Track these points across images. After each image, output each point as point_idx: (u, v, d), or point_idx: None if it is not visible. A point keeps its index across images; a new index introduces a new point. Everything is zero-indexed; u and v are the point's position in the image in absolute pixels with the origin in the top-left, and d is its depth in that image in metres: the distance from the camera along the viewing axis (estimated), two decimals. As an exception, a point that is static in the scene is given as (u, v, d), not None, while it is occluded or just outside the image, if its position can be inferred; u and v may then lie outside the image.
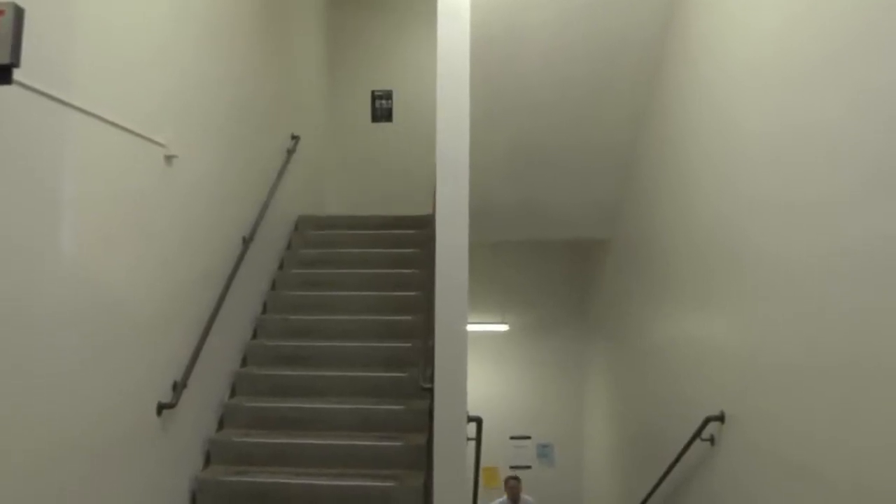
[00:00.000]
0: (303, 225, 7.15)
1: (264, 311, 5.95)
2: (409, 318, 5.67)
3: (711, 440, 4.38)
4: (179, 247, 4.17)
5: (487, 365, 9.23)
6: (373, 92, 8.99)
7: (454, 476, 3.97)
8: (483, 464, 4.29)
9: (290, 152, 6.80)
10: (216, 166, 4.82)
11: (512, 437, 5.78)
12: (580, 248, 8.96)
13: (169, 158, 3.97)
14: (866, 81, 2.87)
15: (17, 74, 2.35)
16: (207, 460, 4.62)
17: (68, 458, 3.04)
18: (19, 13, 2.24)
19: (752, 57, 3.97)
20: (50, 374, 2.91)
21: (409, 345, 5.37)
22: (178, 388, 4.01)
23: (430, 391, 4.04)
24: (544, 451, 8.89)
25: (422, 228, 6.64)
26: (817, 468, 3.17)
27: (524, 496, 7.69)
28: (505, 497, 7.66)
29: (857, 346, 2.87)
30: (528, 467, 5.61)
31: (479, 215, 4.35)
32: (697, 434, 4.42)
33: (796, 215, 3.40)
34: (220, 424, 4.89)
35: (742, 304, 4.01)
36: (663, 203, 5.56)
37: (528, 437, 6.08)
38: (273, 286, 6.23)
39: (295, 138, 7.00)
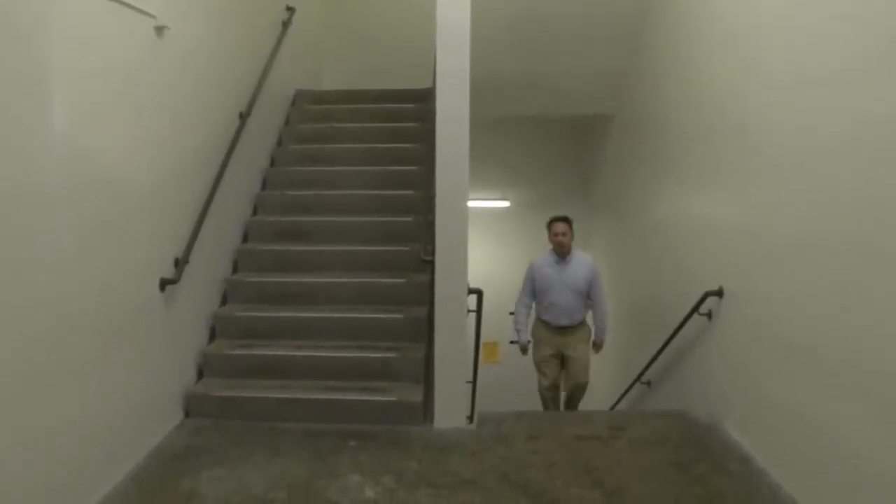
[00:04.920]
0: (300, 100, 7.01)
1: (264, 187, 5.92)
2: (409, 192, 5.64)
3: (709, 315, 4.44)
4: (174, 122, 4.08)
5: (487, 241, 9.26)
6: (370, -41, 8.57)
7: (455, 347, 4.05)
8: (483, 339, 4.35)
9: (286, 25, 6.57)
10: (209, 39, 4.64)
11: (511, 313, 5.87)
12: (583, 124, 8.81)
13: (159, 30, 3.81)
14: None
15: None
16: (212, 335, 4.71)
17: (76, 336, 3.07)
18: None
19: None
20: (49, 254, 2.89)
21: (409, 219, 5.37)
22: (180, 264, 4.02)
23: (431, 263, 4.06)
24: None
25: (421, 102, 6.52)
26: (810, 345, 3.21)
27: (578, 252, 5.64)
28: (549, 250, 5.61)
29: (860, 227, 2.83)
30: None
31: (480, 89, 4.23)
32: (696, 308, 4.47)
33: (809, 88, 3.27)
34: (224, 300, 4.96)
35: (747, 181, 3.95)
36: (671, 76, 5.40)
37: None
38: (272, 162, 6.17)
39: (290, 10, 6.74)
